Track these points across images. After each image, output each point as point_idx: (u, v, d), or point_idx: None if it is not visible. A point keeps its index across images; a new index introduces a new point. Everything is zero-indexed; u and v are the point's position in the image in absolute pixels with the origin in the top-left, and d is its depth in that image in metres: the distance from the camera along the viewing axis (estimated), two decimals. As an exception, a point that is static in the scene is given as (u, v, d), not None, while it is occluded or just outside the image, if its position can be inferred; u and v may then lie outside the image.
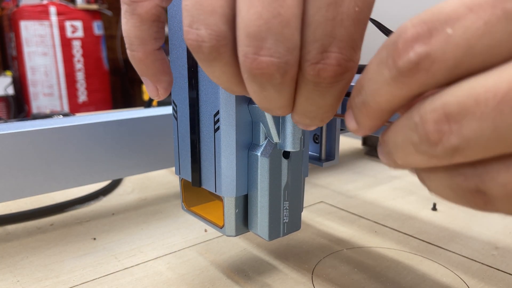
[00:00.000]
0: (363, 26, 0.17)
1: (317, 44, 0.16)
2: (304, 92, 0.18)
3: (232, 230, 0.30)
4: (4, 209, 0.47)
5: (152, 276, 0.35)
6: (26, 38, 2.31)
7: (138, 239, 0.41)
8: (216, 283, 0.34)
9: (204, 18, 0.17)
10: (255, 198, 0.29)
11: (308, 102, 0.18)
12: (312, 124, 0.19)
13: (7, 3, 2.48)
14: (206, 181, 0.30)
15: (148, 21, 0.20)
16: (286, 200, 0.29)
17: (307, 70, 0.17)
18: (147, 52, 0.21)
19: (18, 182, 0.38)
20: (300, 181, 0.30)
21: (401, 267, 0.37)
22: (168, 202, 0.51)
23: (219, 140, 0.28)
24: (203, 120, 0.29)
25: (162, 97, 0.22)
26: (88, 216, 0.47)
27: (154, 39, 0.21)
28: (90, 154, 0.42)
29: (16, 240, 0.41)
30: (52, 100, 2.44)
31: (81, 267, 0.36)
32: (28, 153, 0.38)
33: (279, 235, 0.30)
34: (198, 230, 0.43)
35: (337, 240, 0.42)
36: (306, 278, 0.35)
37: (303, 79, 0.17)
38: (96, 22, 2.51)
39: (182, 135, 0.31)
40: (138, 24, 0.20)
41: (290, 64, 0.16)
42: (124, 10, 0.20)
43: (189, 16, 0.17)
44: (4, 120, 0.66)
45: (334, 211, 0.49)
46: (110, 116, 0.43)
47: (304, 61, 0.17)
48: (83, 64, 2.49)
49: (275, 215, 0.29)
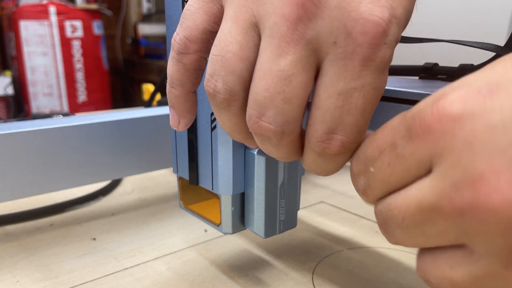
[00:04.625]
0: (369, 114, 0.19)
1: (325, 125, 0.18)
2: (310, 156, 0.20)
3: (228, 227, 0.30)
4: (4, 209, 0.47)
5: (152, 276, 0.35)
6: (26, 38, 2.30)
7: (138, 239, 0.41)
8: (216, 283, 0.34)
9: (224, 75, 0.19)
10: (251, 196, 0.29)
11: (313, 163, 0.20)
12: (321, 175, 0.22)
13: (7, 2, 2.48)
14: (203, 180, 0.30)
15: (191, 70, 0.23)
16: (282, 198, 0.30)
17: (313, 145, 0.19)
18: (183, 93, 0.23)
19: (17, 182, 0.38)
20: (296, 179, 0.30)
21: (402, 267, 0.37)
22: (168, 202, 0.51)
23: (216, 139, 0.28)
24: (200, 119, 0.29)
25: (181, 129, 0.25)
26: (88, 216, 0.47)
27: (192, 84, 0.23)
28: (90, 154, 0.42)
29: (16, 240, 0.41)
30: (52, 100, 2.44)
31: (80, 268, 0.36)
32: (28, 153, 0.38)
33: (275, 233, 0.30)
34: (198, 230, 0.43)
35: (337, 240, 0.41)
36: (306, 278, 0.35)
37: (309, 148, 0.20)
38: (96, 22, 2.51)
39: (180, 134, 0.31)
40: (182, 71, 0.23)
41: (286, 133, 0.19)
42: (172, 56, 0.23)
43: (213, 67, 0.20)
44: (4, 120, 0.65)
45: (334, 211, 0.49)
46: (110, 116, 0.43)
47: (312, 137, 0.19)
48: (82, 64, 2.49)
49: (272, 213, 0.29)
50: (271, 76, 0.18)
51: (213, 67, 0.20)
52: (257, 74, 0.19)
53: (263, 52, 0.18)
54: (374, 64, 0.18)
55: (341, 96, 0.18)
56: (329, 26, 0.17)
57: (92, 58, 2.53)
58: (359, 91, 0.18)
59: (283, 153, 0.21)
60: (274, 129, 0.19)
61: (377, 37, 0.17)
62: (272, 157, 0.22)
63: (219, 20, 0.21)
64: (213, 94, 0.20)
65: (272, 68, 0.18)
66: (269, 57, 0.18)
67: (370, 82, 0.18)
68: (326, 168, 0.20)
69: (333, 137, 0.19)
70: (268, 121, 0.19)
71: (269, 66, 0.18)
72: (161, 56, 2.52)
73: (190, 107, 0.24)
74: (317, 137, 0.19)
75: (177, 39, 0.22)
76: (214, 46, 0.20)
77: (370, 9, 0.17)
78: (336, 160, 0.20)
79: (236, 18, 0.19)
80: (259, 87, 0.18)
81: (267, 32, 0.18)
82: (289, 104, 0.18)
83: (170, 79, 0.23)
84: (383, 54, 0.18)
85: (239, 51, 0.19)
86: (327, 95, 0.18)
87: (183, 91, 0.23)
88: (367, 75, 0.18)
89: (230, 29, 0.19)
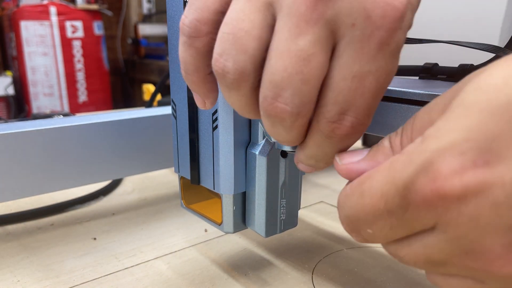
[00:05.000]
0: (380, 98, 0.19)
1: (338, 106, 0.18)
2: (316, 139, 0.20)
3: (230, 227, 0.30)
4: (4, 209, 0.47)
5: (152, 276, 0.35)
6: (26, 38, 2.30)
7: (138, 239, 0.41)
8: (216, 282, 0.34)
9: (236, 53, 0.19)
10: (252, 195, 0.29)
11: (317, 147, 0.20)
12: (316, 166, 0.22)
13: (7, 3, 2.48)
14: (205, 179, 0.30)
15: (204, 53, 0.22)
16: (283, 198, 0.30)
17: (323, 125, 0.19)
18: (200, 77, 0.23)
19: (18, 182, 0.38)
20: (297, 179, 0.30)
21: (402, 267, 0.37)
22: (168, 202, 0.51)
23: (217, 139, 0.28)
24: (202, 119, 0.29)
25: (208, 107, 0.24)
26: (88, 216, 0.47)
27: (207, 66, 0.22)
28: (90, 154, 0.42)
29: (16, 240, 0.41)
30: (52, 100, 2.44)
31: (81, 267, 0.36)
32: (28, 153, 0.38)
33: (276, 232, 0.30)
34: (198, 230, 0.43)
35: (337, 240, 0.42)
36: (306, 278, 0.35)
37: (317, 129, 0.19)
38: (96, 22, 2.51)
39: (181, 134, 0.31)
40: (195, 56, 0.22)
41: (301, 115, 0.19)
42: (183, 41, 0.22)
43: (222, 46, 0.19)
44: (4, 120, 0.66)
45: (334, 210, 0.49)
46: (110, 116, 0.43)
47: (323, 117, 0.19)
48: (83, 64, 2.49)
49: (272, 212, 0.29)
50: (289, 56, 0.18)
51: (223, 45, 0.19)
52: (273, 53, 0.18)
53: (279, 32, 0.18)
54: (389, 48, 0.18)
55: (356, 79, 0.18)
56: (349, 7, 0.17)
57: (93, 59, 2.53)
58: (373, 74, 0.18)
59: (292, 136, 0.20)
60: (290, 110, 0.18)
61: (396, 21, 0.17)
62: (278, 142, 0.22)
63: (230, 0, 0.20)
64: (222, 74, 0.19)
65: (291, 48, 0.17)
66: (287, 36, 0.18)
67: (383, 66, 0.18)
68: (329, 153, 0.20)
69: (344, 118, 0.18)
70: (285, 102, 0.18)
71: (287, 46, 0.18)
72: (162, 56, 2.52)
73: (211, 87, 0.23)
74: (328, 117, 0.19)
75: (187, 22, 0.21)
76: (225, 24, 0.19)
77: None
78: (341, 143, 0.20)
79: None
80: (276, 67, 0.18)
81: (284, 11, 0.18)
82: (307, 84, 0.18)
83: (184, 65, 0.22)
84: (398, 39, 0.18)
85: (252, 30, 0.18)
86: (342, 77, 0.18)
87: (200, 76, 0.22)
88: (382, 58, 0.18)
89: (244, 7, 0.19)
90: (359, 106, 0.18)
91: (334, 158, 0.20)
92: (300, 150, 0.21)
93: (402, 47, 0.18)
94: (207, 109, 0.24)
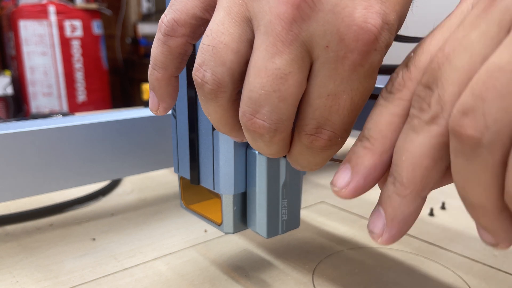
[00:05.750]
0: (356, 113, 0.20)
1: (315, 121, 0.19)
2: (298, 149, 0.21)
3: (230, 227, 0.30)
4: (4, 209, 0.47)
5: (151, 277, 0.35)
6: (25, 38, 2.30)
7: (138, 240, 0.41)
8: (216, 283, 0.34)
9: (214, 65, 0.19)
10: (253, 196, 0.29)
11: (300, 156, 0.21)
12: (303, 170, 0.23)
13: (6, 2, 2.48)
14: (205, 179, 0.30)
15: (175, 54, 0.22)
16: (284, 198, 0.30)
17: (302, 137, 0.20)
18: (165, 76, 0.23)
19: (17, 182, 0.38)
20: (298, 179, 0.30)
21: (403, 268, 0.36)
22: (168, 202, 0.51)
23: (217, 139, 0.28)
24: (202, 118, 0.29)
25: (160, 114, 0.24)
26: (88, 216, 0.47)
27: (175, 68, 0.23)
28: (89, 154, 0.42)
29: (16, 241, 0.41)
30: (51, 99, 2.43)
31: (80, 268, 0.36)
32: (27, 153, 0.38)
33: (278, 233, 0.30)
34: (198, 230, 0.43)
35: (338, 240, 0.41)
36: (307, 278, 0.35)
37: (298, 140, 0.20)
38: (95, 21, 2.51)
39: (181, 133, 0.31)
40: (166, 54, 0.22)
41: (279, 130, 0.19)
42: (157, 37, 0.22)
43: (202, 57, 0.20)
44: (3, 120, 0.65)
45: (335, 211, 0.49)
46: (109, 116, 0.43)
47: (302, 130, 0.20)
48: (82, 64, 2.49)
49: (274, 213, 0.29)
50: (266, 74, 0.18)
51: (203, 56, 0.20)
52: (251, 71, 0.19)
53: (257, 49, 0.18)
54: (363, 69, 0.18)
55: (331, 97, 0.19)
56: (323, 30, 0.17)
57: (92, 58, 2.52)
58: (347, 93, 0.19)
59: (273, 150, 0.21)
60: (268, 126, 0.19)
61: (369, 44, 0.17)
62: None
63: (211, 8, 0.21)
64: (201, 84, 0.20)
65: (268, 66, 0.18)
66: (264, 55, 0.18)
67: (358, 86, 0.18)
68: (313, 161, 0.21)
69: (322, 131, 0.19)
70: (263, 118, 0.19)
71: (264, 64, 0.18)
72: (161, 56, 2.52)
73: (171, 91, 0.24)
74: (306, 130, 0.20)
75: (165, 21, 0.22)
76: (206, 35, 0.20)
77: (363, 15, 0.17)
78: (322, 154, 0.21)
79: (229, 9, 0.19)
80: (254, 85, 0.19)
81: (261, 30, 0.18)
82: (284, 102, 0.19)
83: (154, 61, 0.23)
84: (373, 60, 0.18)
85: (231, 43, 0.19)
86: (317, 95, 0.19)
87: (165, 74, 0.23)
88: (356, 79, 0.18)
89: (223, 20, 0.19)
90: (335, 122, 0.19)
91: (331, 187, 0.21)
92: (287, 157, 0.22)
93: (379, 66, 0.19)
94: (158, 114, 0.25)
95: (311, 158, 0.21)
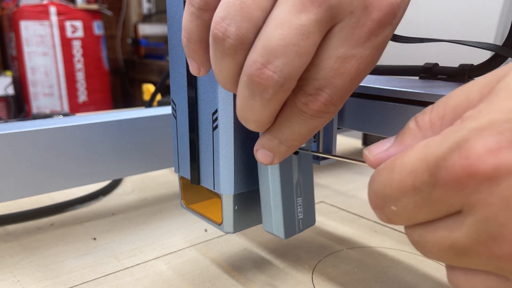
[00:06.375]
0: (357, 83, 0.20)
1: (316, 82, 0.19)
2: (288, 113, 0.21)
3: (230, 227, 0.30)
4: (4, 209, 0.47)
5: (152, 276, 0.35)
6: (26, 38, 2.30)
7: (138, 239, 0.41)
8: (216, 282, 0.34)
9: (240, 20, 0.19)
10: (267, 197, 0.28)
11: (286, 124, 0.21)
12: (277, 150, 0.22)
13: (7, 3, 2.48)
14: (205, 179, 0.30)
15: (209, 26, 0.22)
16: (299, 196, 0.29)
17: (299, 96, 0.20)
18: (202, 47, 0.23)
19: (18, 182, 0.38)
20: (311, 175, 0.30)
21: (402, 267, 0.37)
22: (168, 202, 0.51)
23: (217, 139, 0.28)
24: (202, 118, 0.29)
25: (202, 75, 0.24)
26: (88, 216, 0.47)
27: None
28: (90, 154, 0.42)
29: (16, 240, 0.41)
30: (52, 100, 2.44)
31: (81, 267, 0.36)
32: (28, 153, 0.38)
33: (295, 232, 0.29)
34: (198, 230, 0.43)
35: (337, 240, 0.41)
36: (306, 278, 0.35)
37: (291, 103, 0.20)
38: (96, 22, 2.51)
39: (181, 133, 0.31)
40: (201, 27, 0.22)
41: (284, 87, 0.19)
42: (190, 11, 0.22)
43: (226, 10, 0.19)
44: (4, 120, 0.66)
45: (334, 211, 0.49)
46: (110, 116, 0.43)
47: (300, 89, 0.20)
48: (83, 64, 2.49)
49: (290, 213, 0.29)
50: (289, 28, 0.18)
51: (227, 10, 0.19)
52: (273, 22, 0.19)
53: (283, 4, 0.19)
54: (377, 39, 0.19)
55: (340, 60, 0.19)
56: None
57: (93, 58, 2.53)
58: (356, 59, 0.19)
59: (266, 113, 0.20)
60: (277, 79, 0.19)
61: (389, 17, 0.19)
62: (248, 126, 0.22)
63: None
64: (222, 38, 0.19)
65: (292, 20, 0.18)
66: (290, 9, 0.18)
67: (367, 54, 0.19)
68: (297, 131, 0.21)
69: (320, 93, 0.20)
70: (274, 70, 0.19)
71: (288, 17, 0.18)
72: (162, 56, 2.52)
73: (208, 56, 0.23)
74: (305, 90, 0.20)
75: None
76: None
77: None
78: (311, 121, 0.21)
79: None
80: (274, 35, 0.18)
81: None
82: (300, 58, 0.19)
83: (188, 34, 0.22)
84: (387, 33, 0.20)
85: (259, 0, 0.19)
86: (327, 56, 0.19)
87: (201, 46, 0.23)
88: (368, 47, 0.19)
89: None
90: (336, 86, 0.19)
91: (363, 153, 0.20)
92: (265, 132, 0.22)
93: (387, 42, 0.20)
94: (200, 75, 0.25)
95: (297, 126, 0.21)
